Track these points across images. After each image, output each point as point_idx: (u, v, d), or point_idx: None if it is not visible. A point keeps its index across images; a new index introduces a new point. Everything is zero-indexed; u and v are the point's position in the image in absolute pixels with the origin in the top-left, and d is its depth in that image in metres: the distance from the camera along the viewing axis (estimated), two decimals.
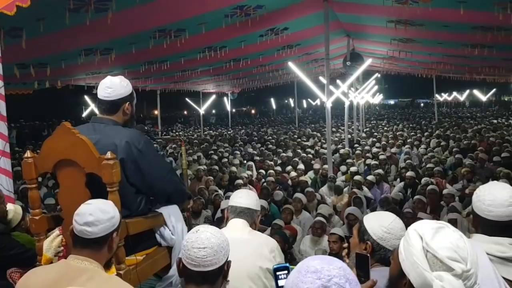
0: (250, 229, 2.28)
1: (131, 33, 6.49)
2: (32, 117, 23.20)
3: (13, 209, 3.13)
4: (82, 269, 1.69)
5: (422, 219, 4.87)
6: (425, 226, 1.21)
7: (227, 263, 1.64)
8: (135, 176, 2.19)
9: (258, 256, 2.17)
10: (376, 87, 22.37)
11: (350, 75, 10.86)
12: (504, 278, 1.55)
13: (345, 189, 7.43)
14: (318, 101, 38.96)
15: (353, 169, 8.47)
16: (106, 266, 1.86)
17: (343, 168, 9.09)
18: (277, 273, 1.48)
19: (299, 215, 5.87)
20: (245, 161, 10.82)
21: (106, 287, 1.69)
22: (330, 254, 4.30)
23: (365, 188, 7.21)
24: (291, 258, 4.50)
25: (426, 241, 1.16)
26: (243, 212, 2.29)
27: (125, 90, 2.30)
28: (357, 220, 4.88)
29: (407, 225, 1.80)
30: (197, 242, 1.56)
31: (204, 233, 1.59)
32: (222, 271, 1.62)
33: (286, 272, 1.49)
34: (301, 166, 9.16)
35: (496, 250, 1.60)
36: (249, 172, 8.84)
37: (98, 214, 1.72)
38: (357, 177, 7.37)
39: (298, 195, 6.14)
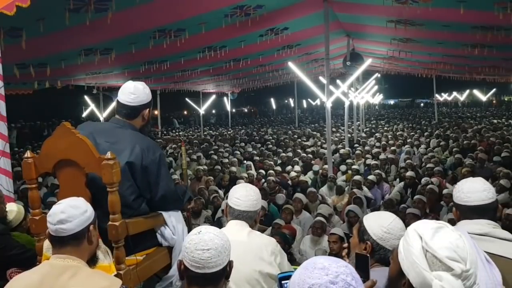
0: (249, 230, 2.23)
1: (131, 33, 6.49)
2: (32, 117, 23.17)
3: (16, 210, 3.14)
4: (65, 267, 1.69)
5: (413, 214, 4.93)
6: (424, 226, 1.21)
7: (230, 263, 1.63)
8: (140, 181, 2.21)
9: (258, 260, 2.11)
10: (376, 87, 22.37)
11: (350, 75, 10.87)
12: (485, 252, 1.68)
13: (346, 189, 7.43)
14: (318, 101, 38.97)
15: (355, 167, 8.48)
16: (92, 262, 1.86)
17: (343, 167, 9.10)
18: (283, 281, 1.46)
19: (299, 215, 5.87)
20: (244, 161, 10.82)
21: (90, 282, 1.68)
22: (330, 254, 4.30)
23: (365, 188, 7.22)
24: (291, 258, 4.49)
25: (425, 241, 1.16)
26: (241, 215, 2.23)
27: (147, 97, 2.36)
28: (357, 218, 4.89)
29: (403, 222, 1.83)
30: (201, 244, 1.53)
31: (207, 234, 1.57)
32: (225, 272, 1.61)
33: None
34: (296, 167, 9.15)
35: (475, 228, 1.83)
36: (250, 172, 8.85)
37: (69, 210, 1.73)
38: (357, 177, 7.37)
39: (299, 195, 6.14)
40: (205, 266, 1.53)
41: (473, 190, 1.93)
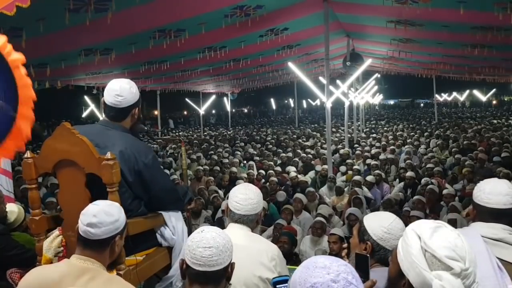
0: (250, 234, 2.18)
1: (131, 33, 6.49)
2: None
3: (17, 211, 3.14)
4: (84, 269, 1.69)
5: (417, 217, 4.93)
6: (423, 226, 1.21)
7: (231, 265, 1.64)
8: (136, 186, 2.19)
9: (257, 265, 2.08)
10: (376, 87, 22.37)
11: (350, 75, 10.87)
12: (498, 258, 1.66)
13: (345, 189, 7.42)
14: (318, 101, 38.96)
15: (356, 167, 8.50)
16: (110, 267, 1.86)
17: (342, 168, 9.08)
18: (277, 286, 1.46)
19: (299, 215, 5.87)
20: (245, 161, 10.82)
21: (108, 287, 1.69)
22: (330, 255, 4.30)
23: (364, 188, 7.22)
24: (296, 259, 4.47)
25: (424, 241, 1.17)
26: (241, 219, 2.17)
27: (134, 97, 2.27)
28: (357, 221, 4.87)
29: (404, 224, 1.83)
30: (203, 242, 1.56)
31: (210, 233, 1.60)
32: (226, 273, 1.62)
33: (286, 285, 1.45)
34: (292, 168, 9.15)
35: (490, 233, 1.77)
36: (251, 171, 8.84)
37: (102, 216, 1.72)
38: (356, 177, 7.37)
39: (299, 195, 6.14)
40: (206, 264, 1.55)
41: (496, 192, 1.85)
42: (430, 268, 1.14)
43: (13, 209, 3.12)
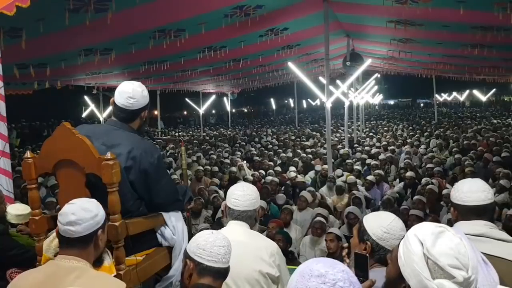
0: (249, 231, 2.25)
1: (131, 33, 6.49)
2: (32, 117, 23.16)
3: (25, 213, 3.09)
4: (70, 268, 1.69)
5: (416, 215, 4.92)
6: (425, 231, 1.17)
7: (229, 266, 1.80)
8: (140, 185, 2.20)
9: (257, 260, 2.13)
10: (376, 87, 22.36)
11: (350, 75, 10.86)
12: (482, 252, 1.69)
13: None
14: (318, 101, 38.94)
15: (357, 167, 8.46)
16: (98, 263, 1.86)
17: (338, 171, 8.90)
18: None
19: (303, 211, 5.90)
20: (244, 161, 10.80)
21: (95, 285, 1.69)
22: (328, 254, 4.32)
23: (362, 188, 7.22)
24: (292, 257, 4.49)
25: (427, 248, 1.13)
26: (241, 215, 2.24)
27: (145, 100, 2.30)
28: (357, 219, 4.88)
29: (404, 222, 1.84)
30: (218, 241, 1.74)
31: (220, 234, 1.79)
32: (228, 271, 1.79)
33: None
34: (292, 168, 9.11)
35: (472, 229, 1.85)
36: (255, 173, 8.78)
37: (80, 213, 1.73)
38: (350, 178, 7.37)
39: (304, 193, 6.17)
40: (221, 261, 1.73)
41: (473, 190, 1.94)
42: (432, 276, 1.10)
43: (18, 212, 3.08)
